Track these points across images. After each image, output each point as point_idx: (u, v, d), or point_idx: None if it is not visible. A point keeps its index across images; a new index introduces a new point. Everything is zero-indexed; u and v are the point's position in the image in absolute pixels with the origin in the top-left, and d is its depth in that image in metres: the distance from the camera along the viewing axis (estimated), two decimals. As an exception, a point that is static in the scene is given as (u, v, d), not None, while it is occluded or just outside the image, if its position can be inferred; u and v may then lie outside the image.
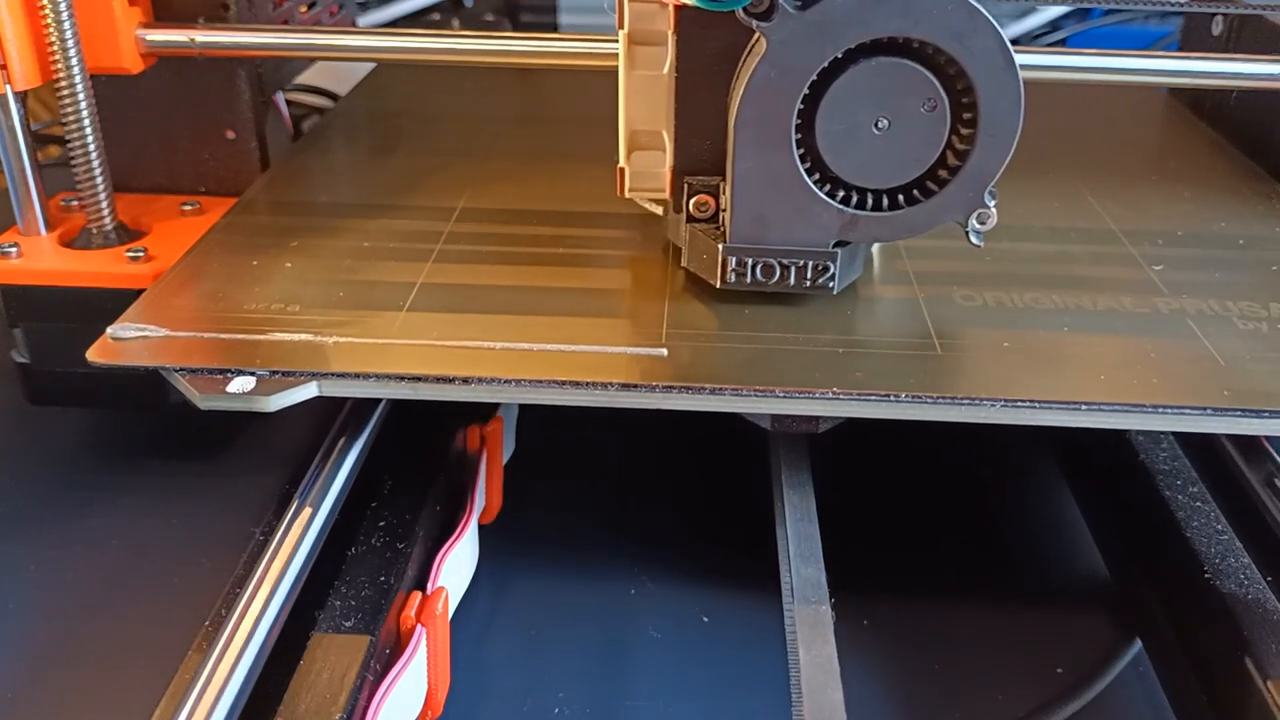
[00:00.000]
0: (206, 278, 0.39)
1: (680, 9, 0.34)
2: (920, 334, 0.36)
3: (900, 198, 0.35)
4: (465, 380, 0.33)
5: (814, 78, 0.33)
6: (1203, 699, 0.32)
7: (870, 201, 0.35)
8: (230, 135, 0.49)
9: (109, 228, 0.44)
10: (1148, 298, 0.39)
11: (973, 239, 0.36)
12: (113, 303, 0.37)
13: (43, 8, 0.40)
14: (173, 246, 0.43)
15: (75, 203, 0.45)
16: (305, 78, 0.61)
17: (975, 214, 0.35)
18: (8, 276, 0.42)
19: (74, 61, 0.41)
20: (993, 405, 0.32)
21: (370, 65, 0.64)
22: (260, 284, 0.38)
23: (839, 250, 0.36)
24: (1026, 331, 0.36)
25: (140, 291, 0.38)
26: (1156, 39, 0.80)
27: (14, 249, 0.42)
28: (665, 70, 0.36)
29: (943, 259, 0.41)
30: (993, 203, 0.35)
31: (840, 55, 0.33)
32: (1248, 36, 0.54)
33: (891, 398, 0.32)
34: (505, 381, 0.33)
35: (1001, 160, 0.34)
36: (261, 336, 0.35)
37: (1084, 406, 0.32)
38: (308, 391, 0.33)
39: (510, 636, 0.38)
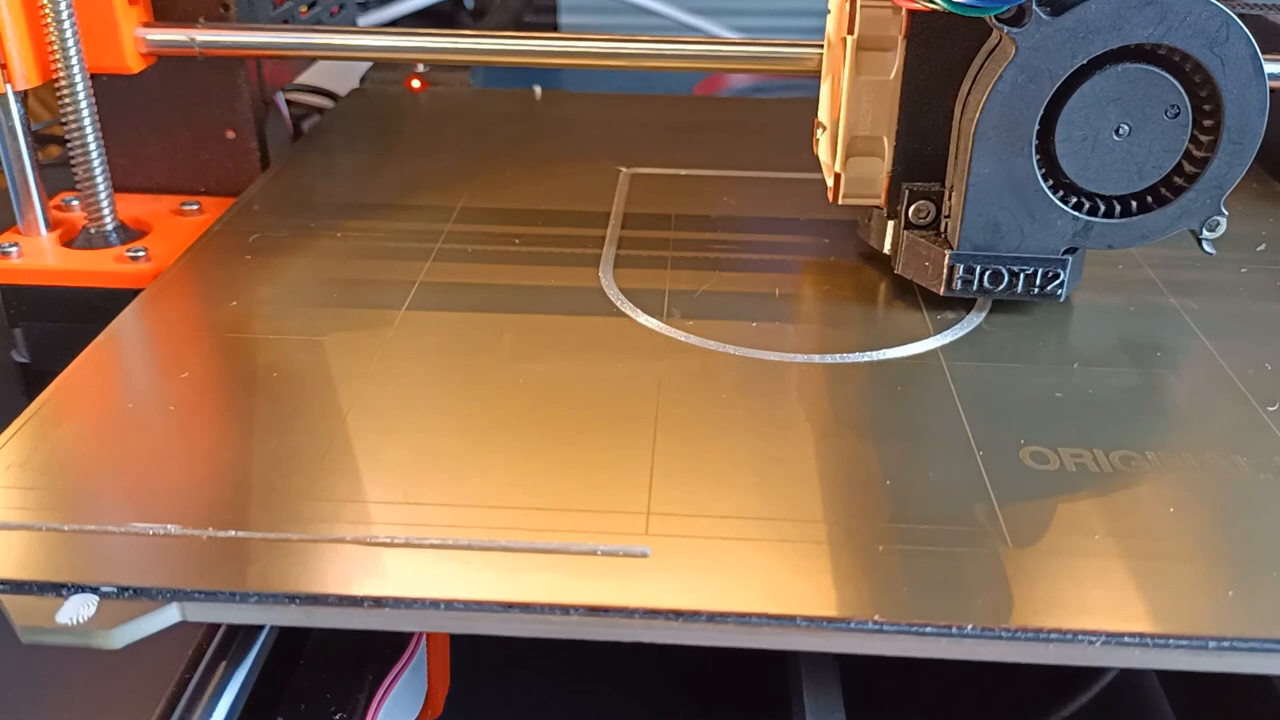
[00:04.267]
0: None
1: (913, 14, 0.35)
2: (981, 515, 0.27)
3: (1134, 204, 0.35)
4: (377, 602, 0.24)
5: (1059, 84, 0.33)
6: None
7: (1104, 208, 0.35)
8: (230, 135, 0.49)
9: (109, 228, 0.44)
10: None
11: (1205, 248, 0.36)
12: (113, 303, 0.37)
13: (43, 8, 0.40)
14: (173, 246, 0.43)
15: (75, 203, 0.45)
16: (305, 78, 0.61)
17: (1207, 222, 0.35)
18: (8, 276, 0.42)
19: (74, 61, 0.41)
20: (1092, 643, 0.24)
21: (369, 65, 0.64)
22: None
23: (1069, 257, 0.36)
24: (1123, 515, 0.28)
25: (139, 291, 0.38)
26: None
27: (14, 249, 0.42)
28: (892, 75, 0.36)
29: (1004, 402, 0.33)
30: (1225, 211, 0.35)
31: (1085, 62, 0.33)
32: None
33: (955, 631, 0.24)
34: (430, 605, 0.24)
35: (1242, 168, 0.34)
36: (116, 530, 0.26)
37: (1212, 644, 0.24)
38: (166, 618, 0.25)
39: None
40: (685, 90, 0.75)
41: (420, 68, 0.63)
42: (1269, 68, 0.33)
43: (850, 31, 0.36)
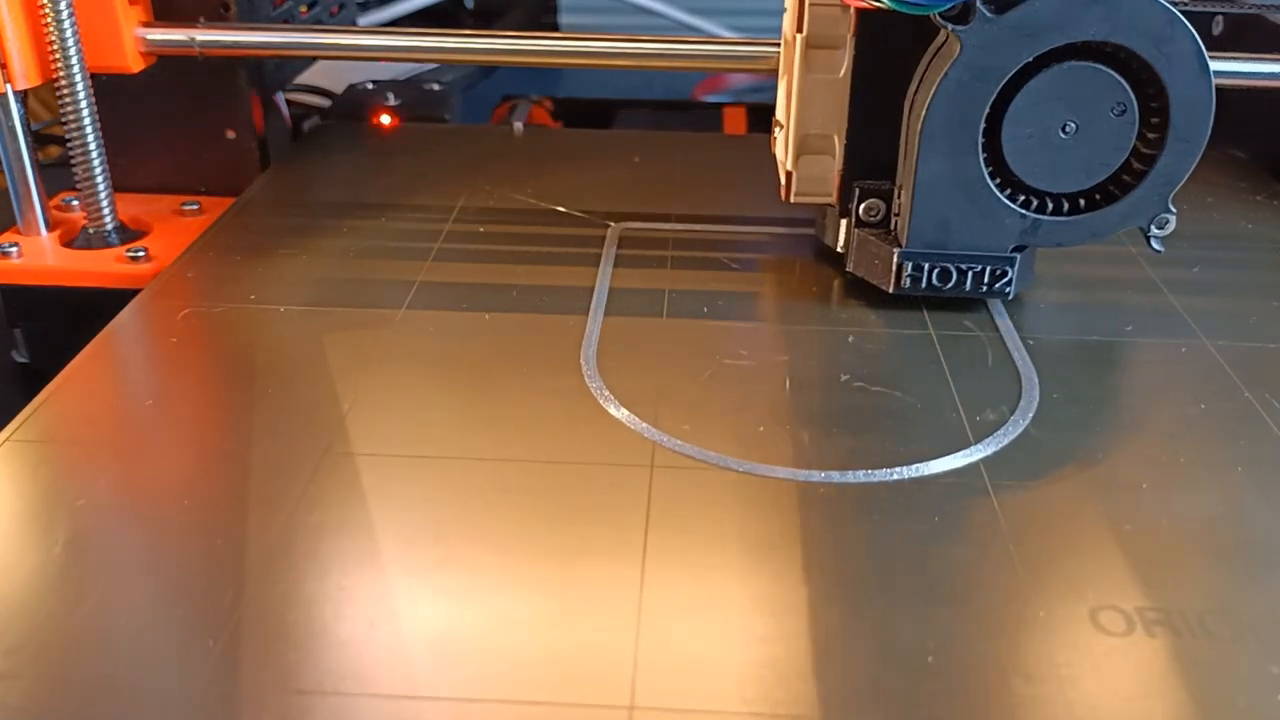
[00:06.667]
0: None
1: (862, 12, 0.34)
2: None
3: (1083, 202, 0.35)
4: None
5: (1005, 82, 0.33)
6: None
7: (1053, 206, 0.35)
8: (230, 135, 0.49)
9: (109, 228, 0.44)
10: None
11: (1154, 245, 0.35)
12: (113, 303, 0.37)
13: (43, 7, 0.40)
14: (173, 246, 0.43)
15: (75, 203, 0.45)
16: (305, 78, 0.61)
17: (1156, 219, 0.35)
18: (8, 276, 0.42)
19: (74, 61, 0.41)
20: None
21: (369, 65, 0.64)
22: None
23: (1017, 255, 0.36)
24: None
25: (139, 291, 0.38)
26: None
27: (14, 249, 0.42)
28: (841, 74, 0.36)
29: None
30: (1173, 208, 0.35)
31: (1032, 60, 0.33)
32: (1248, 36, 0.54)
33: None
34: None
35: (1190, 165, 0.34)
36: None
37: None
38: None
39: None
40: (685, 90, 0.75)
41: (391, 100, 0.58)
42: (1216, 65, 0.33)
43: (800, 30, 0.36)
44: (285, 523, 0.27)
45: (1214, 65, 0.33)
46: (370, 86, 0.60)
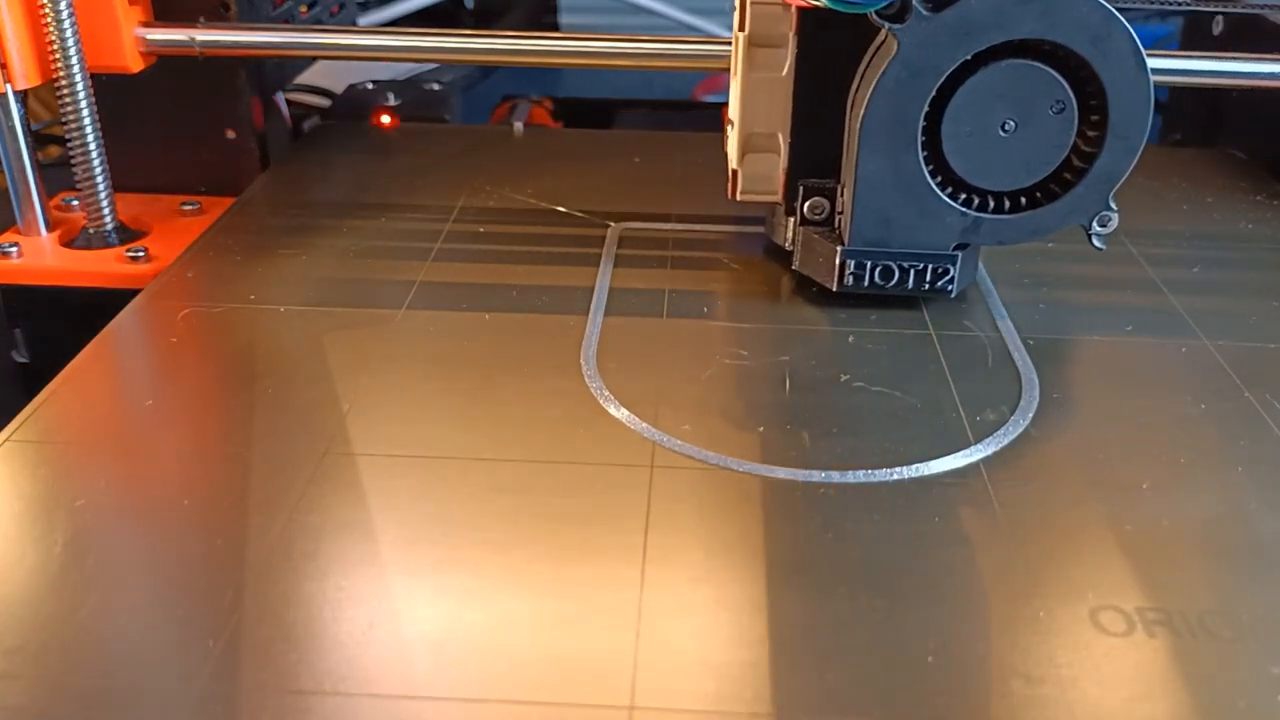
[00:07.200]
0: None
1: (803, 11, 0.34)
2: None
3: (1024, 200, 0.35)
4: None
5: (943, 80, 0.33)
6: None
7: (994, 204, 0.35)
8: (230, 135, 0.49)
9: (109, 228, 0.44)
10: None
11: (1096, 243, 0.35)
12: (113, 303, 0.37)
13: (43, 7, 0.40)
14: (173, 246, 0.43)
15: (75, 203, 0.45)
16: (305, 78, 0.61)
17: (1098, 217, 0.35)
18: (8, 276, 0.42)
19: (74, 61, 0.41)
20: None
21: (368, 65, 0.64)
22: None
23: (959, 253, 0.36)
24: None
25: (139, 291, 0.38)
26: (1157, 39, 0.80)
27: (14, 249, 0.42)
28: (784, 72, 0.36)
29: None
30: (1115, 206, 0.35)
31: (969, 57, 0.33)
32: (1247, 36, 0.54)
33: None
34: None
35: (1129, 162, 0.34)
36: None
37: None
38: None
39: None
40: (685, 90, 0.75)
41: (391, 100, 0.58)
42: (1216, 65, 0.33)
43: (742, 28, 0.36)
44: (285, 523, 0.27)
45: (1214, 65, 0.33)
46: (370, 86, 0.60)
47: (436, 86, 0.61)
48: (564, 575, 0.25)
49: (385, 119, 0.57)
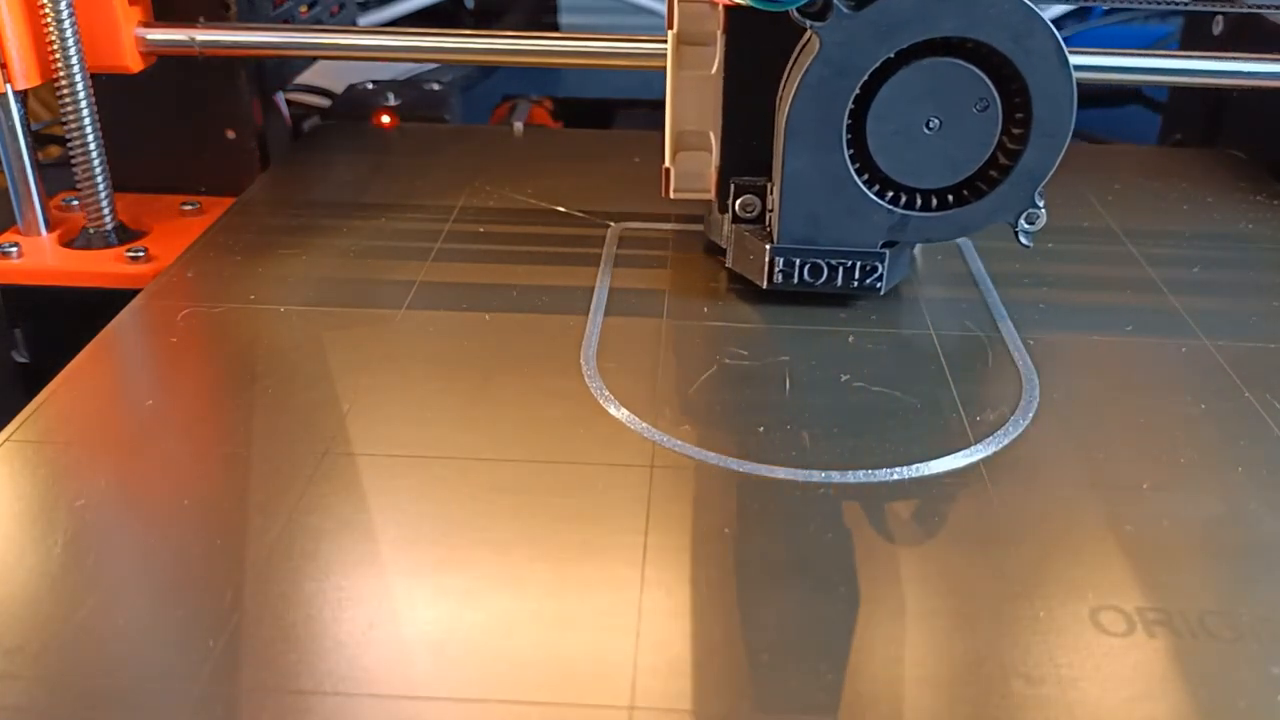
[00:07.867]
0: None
1: (730, 9, 0.34)
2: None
3: (950, 198, 0.35)
4: None
5: (866, 78, 0.33)
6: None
7: (920, 201, 0.35)
8: (230, 135, 0.49)
9: (109, 228, 0.44)
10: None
11: (1022, 240, 0.35)
12: (113, 303, 0.37)
13: (43, 7, 0.40)
14: (173, 246, 0.43)
15: (75, 203, 0.45)
16: (305, 78, 0.61)
17: (1025, 214, 0.35)
18: (8, 276, 0.42)
19: (74, 61, 0.41)
20: None
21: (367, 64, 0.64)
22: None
23: (887, 251, 0.36)
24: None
25: (139, 291, 0.38)
26: (1156, 39, 0.80)
27: (14, 249, 0.42)
28: (714, 70, 0.36)
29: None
30: (1042, 203, 0.35)
31: (893, 55, 0.33)
32: (1247, 36, 0.54)
33: None
34: None
35: (1054, 160, 0.34)
36: None
37: None
38: None
39: None
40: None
41: (391, 100, 0.59)
42: (1216, 65, 0.33)
43: (671, 26, 0.36)
44: (285, 523, 0.27)
45: (1214, 65, 0.33)
46: (370, 86, 0.60)
47: (436, 86, 0.61)
48: (564, 575, 0.25)
49: (385, 119, 0.57)
